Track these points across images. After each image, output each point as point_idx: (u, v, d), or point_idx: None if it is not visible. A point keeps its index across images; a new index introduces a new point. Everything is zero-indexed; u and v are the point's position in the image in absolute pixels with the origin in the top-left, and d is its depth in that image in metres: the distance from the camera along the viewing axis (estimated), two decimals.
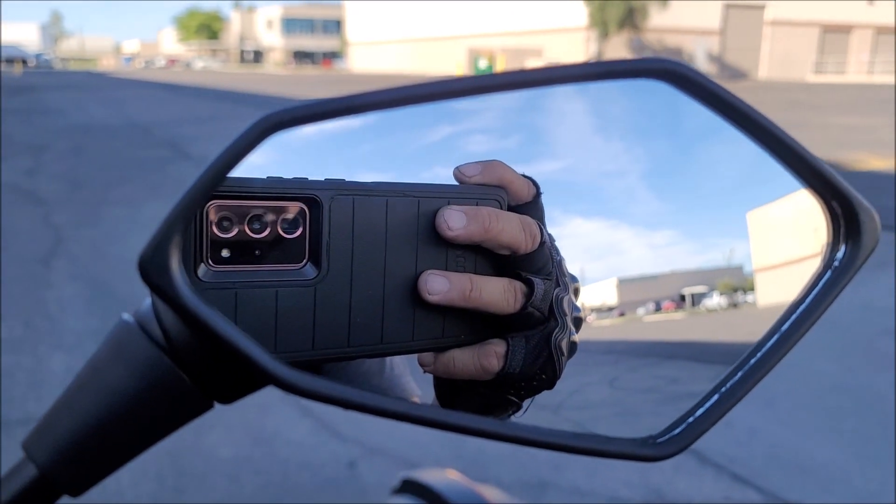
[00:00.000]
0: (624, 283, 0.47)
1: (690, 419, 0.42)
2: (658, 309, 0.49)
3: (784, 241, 0.49)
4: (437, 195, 0.41)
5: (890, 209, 6.80)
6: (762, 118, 0.41)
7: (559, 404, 0.48)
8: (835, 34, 47.65)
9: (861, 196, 0.42)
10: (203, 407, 0.42)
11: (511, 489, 2.41)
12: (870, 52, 47.80)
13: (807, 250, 0.47)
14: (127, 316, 0.42)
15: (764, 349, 0.43)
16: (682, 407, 0.44)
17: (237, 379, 0.42)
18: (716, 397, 0.42)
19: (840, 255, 0.43)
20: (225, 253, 0.37)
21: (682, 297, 0.49)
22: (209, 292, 0.36)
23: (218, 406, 0.44)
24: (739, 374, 0.42)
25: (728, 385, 0.42)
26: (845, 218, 0.43)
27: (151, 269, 0.34)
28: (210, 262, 0.37)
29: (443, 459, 2.79)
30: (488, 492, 0.81)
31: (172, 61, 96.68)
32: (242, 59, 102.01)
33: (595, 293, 0.47)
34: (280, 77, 48.21)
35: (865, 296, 4.64)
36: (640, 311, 0.48)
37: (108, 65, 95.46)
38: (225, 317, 0.35)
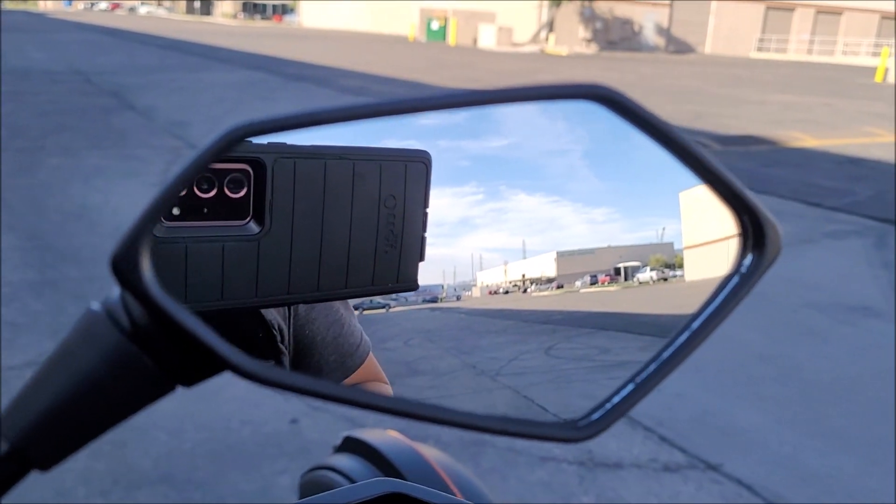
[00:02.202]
0: (563, 257, 0.50)
1: (608, 405, 0.44)
2: (594, 282, 0.52)
3: (711, 221, 0.52)
4: (369, 157, 0.44)
5: (821, 187, 7.03)
6: (684, 141, 0.45)
7: (498, 370, 0.52)
8: (778, 12, 48.22)
9: (768, 212, 0.46)
10: (166, 389, 0.44)
11: (450, 448, 2.47)
12: (810, 31, 48.64)
13: (731, 230, 0.51)
14: (95, 304, 0.44)
15: (676, 344, 0.46)
16: (610, 374, 0.47)
17: (199, 365, 0.44)
18: (631, 386, 0.44)
19: (747, 262, 0.47)
20: (175, 211, 0.41)
21: (617, 271, 0.52)
22: (162, 246, 0.39)
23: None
24: (653, 366, 0.45)
25: (643, 376, 0.45)
26: (753, 230, 0.47)
27: (124, 269, 0.36)
28: (162, 219, 0.39)
29: (383, 419, 2.83)
30: (428, 451, 0.84)
31: (115, 6, 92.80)
32: (190, 9, 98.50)
33: (535, 265, 0.50)
34: (228, 28, 46.79)
35: (792, 271, 4.81)
36: (578, 283, 0.52)
37: (47, 6, 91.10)
38: (190, 311, 0.37)
